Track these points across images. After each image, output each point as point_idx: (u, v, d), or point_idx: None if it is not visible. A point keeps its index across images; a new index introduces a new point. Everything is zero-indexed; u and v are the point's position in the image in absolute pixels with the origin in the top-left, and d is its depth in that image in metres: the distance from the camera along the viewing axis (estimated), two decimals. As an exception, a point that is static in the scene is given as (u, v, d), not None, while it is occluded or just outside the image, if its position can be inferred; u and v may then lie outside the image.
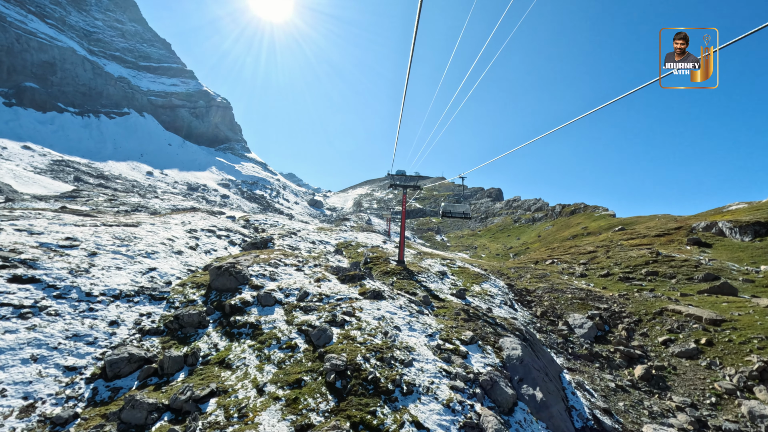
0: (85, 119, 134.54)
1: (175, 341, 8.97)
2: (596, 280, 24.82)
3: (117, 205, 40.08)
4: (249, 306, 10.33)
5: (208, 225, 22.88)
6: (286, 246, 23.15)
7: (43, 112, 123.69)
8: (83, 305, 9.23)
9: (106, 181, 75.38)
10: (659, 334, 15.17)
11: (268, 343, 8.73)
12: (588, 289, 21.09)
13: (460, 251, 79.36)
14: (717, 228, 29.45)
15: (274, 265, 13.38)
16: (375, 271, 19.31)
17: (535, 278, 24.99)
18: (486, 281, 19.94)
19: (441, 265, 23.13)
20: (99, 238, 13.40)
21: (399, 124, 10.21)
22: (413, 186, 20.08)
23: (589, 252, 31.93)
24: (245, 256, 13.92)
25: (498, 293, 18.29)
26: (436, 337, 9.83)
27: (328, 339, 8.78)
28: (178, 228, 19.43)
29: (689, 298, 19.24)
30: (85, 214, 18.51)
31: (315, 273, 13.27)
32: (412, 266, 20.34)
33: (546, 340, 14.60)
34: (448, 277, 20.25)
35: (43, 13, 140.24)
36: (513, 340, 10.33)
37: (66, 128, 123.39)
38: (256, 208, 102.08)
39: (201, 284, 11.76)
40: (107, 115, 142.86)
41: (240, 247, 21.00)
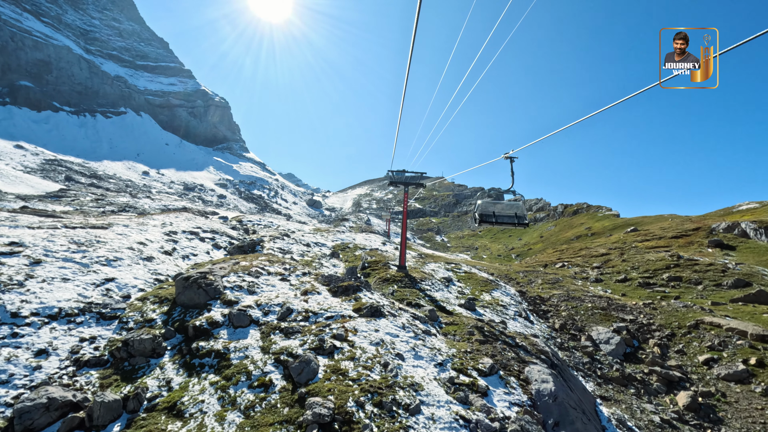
0: (80, 118, 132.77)
1: (119, 376, 7.07)
2: (613, 286, 22.92)
3: (104, 205, 38.20)
4: (218, 328, 8.43)
5: (192, 227, 21.00)
6: (276, 249, 21.26)
7: (37, 111, 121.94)
8: (4, 329, 7.33)
9: (98, 180, 73.49)
10: (698, 351, 13.27)
11: (235, 379, 6.83)
12: (608, 297, 19.20)
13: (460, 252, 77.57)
14: (740, 229, 27.58)
15: (255, 274, 11.48)
16: (373, 277, 17.42)
17: (547, 284, 23.10)
18: (496, 288, 18.03)
19: (445, 270, 21.24)
20: (52, 242, 11.51)
21: (399, 120, 8.36)
22: (416, 184, 18.16)
23: (601, 255, 30.03)
24: (223, 264, 12.03)
25: (510, 303, 16.39)
26: (447, 367, 7.94)
27: (312, 374, 6.88)
28: (155, 230, 17.54)
29: (722, 307, 17.35)
30: (49, 215, 16.62)
31: (302, 284, 11.37)
32: (414, 272, 18.44)
33: (570, 359, 12.70)
34: (455, 283, 18.35)
35: (39, 12, 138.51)
36: (541, 369, 8.43)
37: (61, 127, 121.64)
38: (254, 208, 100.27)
39: (165, 298, 9.86)
40: (103, 115, 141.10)
41: (225, 251, 19.12)
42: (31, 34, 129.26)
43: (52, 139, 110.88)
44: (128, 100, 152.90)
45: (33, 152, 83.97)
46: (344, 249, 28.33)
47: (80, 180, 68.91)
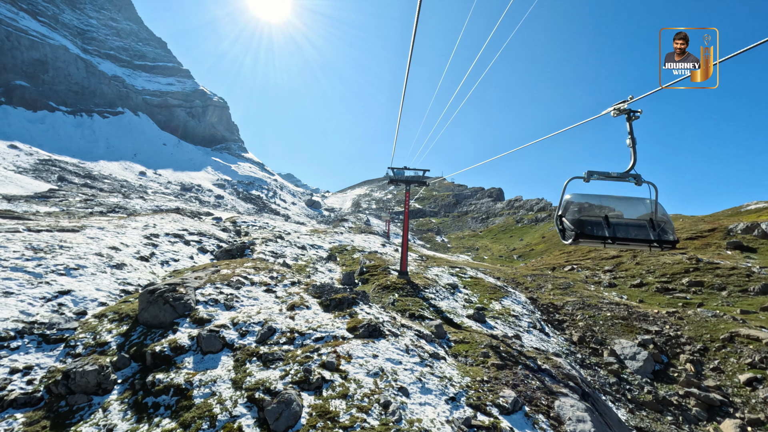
0: (77, 118, 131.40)
1: (49, 421, 5.60)
2: (629, 292, 21.45)
3: (92, 205, 36.76)
4: (182, 354, 6.97)
5: (178, 228, 19.52)
6: (268, 252, 19.78)
7: (33, 111, 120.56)
8: None
9: (92, 180, 72.05)
10: (737, 369, 11.81)
11: (196, 426, 5.37)
12: (625, 304, 17.74)
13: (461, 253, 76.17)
14: (760, 230, 26.12)
15: (236, 284, 10.01)
16: (372, 284, 15.95)
17: (558, 289, 21.63)
18: (506, 296, 16.55)
19: (450, 274, 19.77)
20: (4, 249, 10.04)
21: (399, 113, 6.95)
22: (418, 181, 16.65)
23: (612, 257, 28.55)
24: (200, 272, 10.56)
25: (523, 312, 14.91)
26: (461, 402, 6.48)
27: (292, 419, 5.42)
28: (134, 233, 16.08)
29: (753, 316, 15.88)
30: (15, 217, 15.15)
31: (290, 296, 9.90)
32: (416, 278, 16.97)
33: (594, 379, 11.24)
34: (460, 290, 16.89)
35: (36, 11, 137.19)
36: (575, 404, 6.96)
37: (57, 127, 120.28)
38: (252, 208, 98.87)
39: (127, 315, 8.40)
40: (100, 115, 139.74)
41: (212, 256, 17.66)
42: (27, 34, 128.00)
43: (47, 139, 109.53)
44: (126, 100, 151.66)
45: (27, 152, 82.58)
46: (342, 251, 26.88)
47: (73, 180, 67.48)
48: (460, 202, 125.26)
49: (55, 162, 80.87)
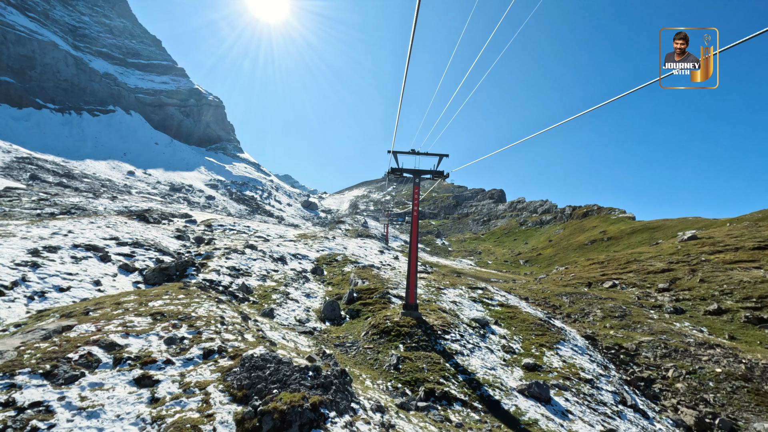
0: (65, 116, 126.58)
1: None
2: (707, 322, 16.20)
3: (44, 206, 31.57)
4: None
5: (103, 237, 14.30)
6: (226, 269, 14.55)
7: (18, 108, 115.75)
8: None
9: (69, 180, 66.97)
10: None
11: None
12: (718, 344, 12.52)
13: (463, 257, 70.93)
14: None
15: (72, 370, 4.77)
16: (363, 322, 10.75)
17: (612, 318, 16.40)
18: (562, 342, 11.23)
19: (471, 300, 14.52)
20: None
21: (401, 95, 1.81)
22: (433, 173, 11.31)
23: (662, 271, 23.31)
24: (18, 335, 5.32)
25: (595, 371, 9.68)
26: None
27: None
28: (17, 243, 10.88)
29: None
30: None
31: (181, 399, 4.63)
32: (429, 312, 11.65)
33: None
34: (492, 330, 11.63)
35: (25, 7, 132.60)
36: None
37: (43, 125, 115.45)
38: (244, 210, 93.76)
39: None
40: (90, 113, 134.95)
41: (140, 276, 12.44)
42: (14, 29, 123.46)
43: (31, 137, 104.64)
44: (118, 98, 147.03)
45: (5, 150, 77.59)
46: (331, 263, 21.69)
47: (47, 179, 62.36)
48: (461, 203, 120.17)
49: (32, 160, 75.90)
